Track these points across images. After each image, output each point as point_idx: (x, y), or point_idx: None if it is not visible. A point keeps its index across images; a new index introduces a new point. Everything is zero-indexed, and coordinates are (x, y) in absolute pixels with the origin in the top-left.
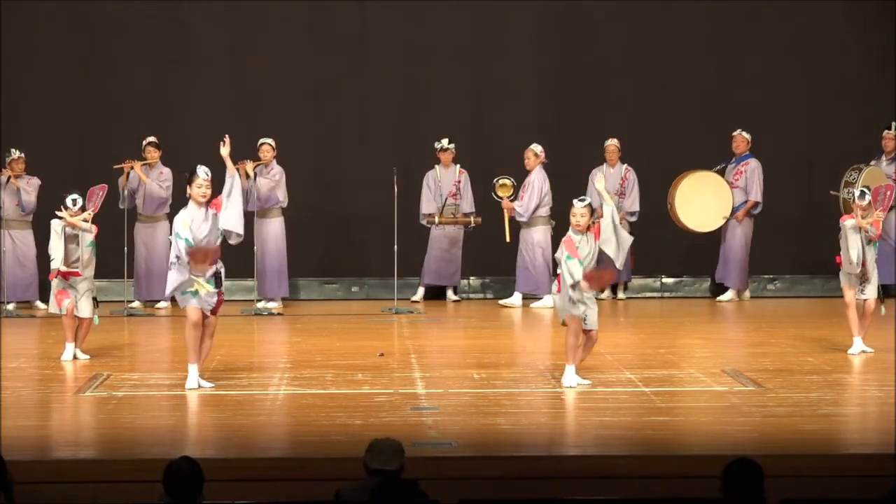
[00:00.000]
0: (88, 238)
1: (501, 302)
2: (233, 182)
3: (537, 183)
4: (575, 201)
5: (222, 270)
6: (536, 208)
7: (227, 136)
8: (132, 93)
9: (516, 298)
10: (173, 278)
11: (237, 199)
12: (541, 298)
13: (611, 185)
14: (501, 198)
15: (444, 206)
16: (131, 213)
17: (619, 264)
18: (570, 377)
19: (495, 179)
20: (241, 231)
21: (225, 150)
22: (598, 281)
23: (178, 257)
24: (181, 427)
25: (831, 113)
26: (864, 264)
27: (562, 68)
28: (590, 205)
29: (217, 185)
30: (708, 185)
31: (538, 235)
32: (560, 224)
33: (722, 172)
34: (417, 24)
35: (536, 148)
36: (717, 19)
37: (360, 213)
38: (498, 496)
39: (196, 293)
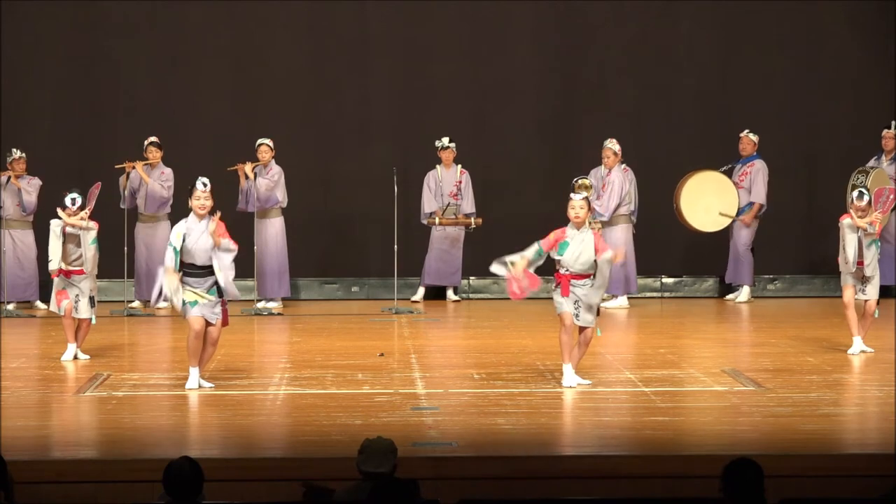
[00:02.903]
0: (91, 236)
1: (604, 305)
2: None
3: (618, 182)
4: (573, 194)
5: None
6: (617, 207)
7: (218, 214)
8: (132, 93)
9: (622, 300)
10: (158, 282)
11: (226, 269)
12: (616, 297)
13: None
14: None
15: (445, 206)
16: (131, 213)
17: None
18: (570, 377)
19: (574, 179)
20: (235, 293)
21: (211, 227)
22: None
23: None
24: (181, 427)
25: (831, 113)
26: (862, 264)
27: (562, 68)
28: (587, 198)
29: (218, 195)
30: (713, 186)
31: (619, 235)
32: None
33: (729, 173)
34: (417, 24)
35: (615, 146)
36: (718, 19)
37: (360, 213)
38: (498, 496)
39: (195, 303)
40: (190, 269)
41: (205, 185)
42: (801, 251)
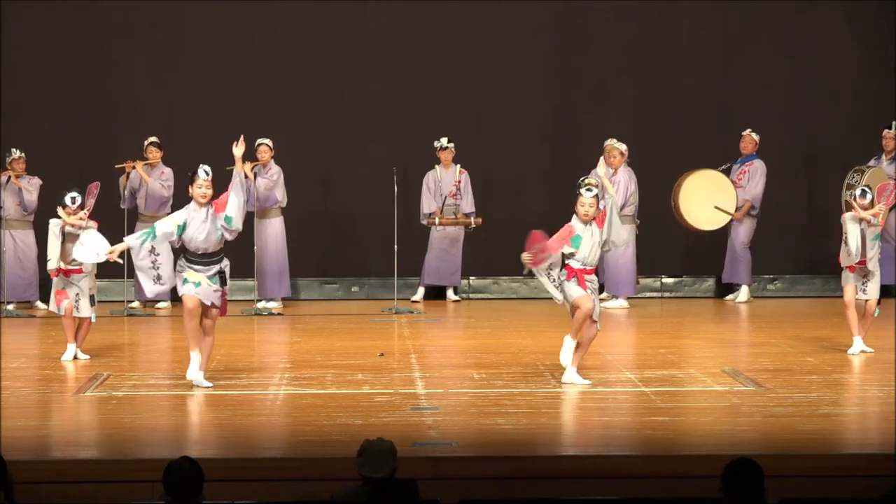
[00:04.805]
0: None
1: (604, 305)
2: (237, 179)
3: (623, 182)
4: (583, 190)
5: (227, 269)
6: (622, 207)
7: (242, 136)
8: (132, 93)
9: (621, 301)
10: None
11: (237, 192)
12: (616, 298)
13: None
14: None
15: (444, 206)
16: (132, 213)
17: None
18: (571, 375)
19: (580, 179)
20: (238, 224)
21: (238, 151)
22: (536, 252)
23: (151, 252)
24: (181, 427)
25: (831, 113)
26: (864, 263)
27: (562, 68)
28: (597, 195)
29: (219, 184)
30: (711, 184)
31: None
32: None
33: (727, 172)
34: (417, 24)
35: (621, 146)
36: (718, 19)
37: (360, 213)
38: (498, 496)
39: (199, 283)
40: (192, 257)
41: (207, 173)
42: (801, 251)
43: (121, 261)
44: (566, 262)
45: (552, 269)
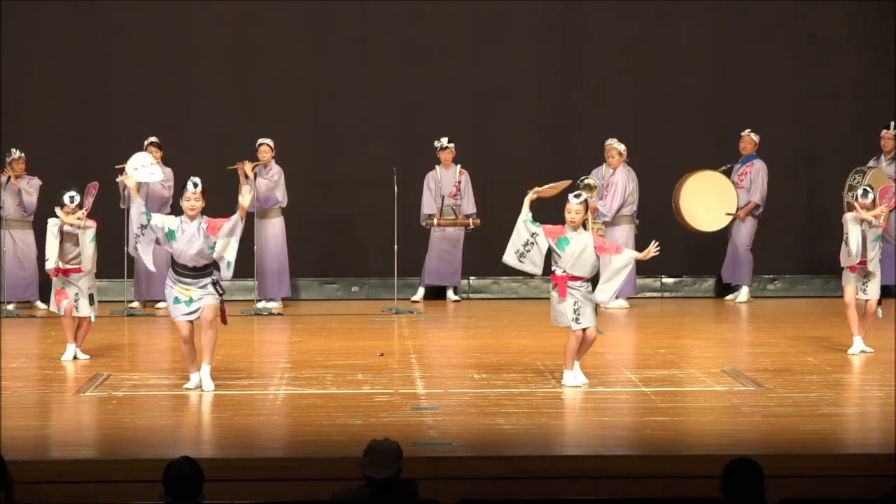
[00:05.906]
0: (90, 234)
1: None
2: (235, 223)
3: (621, 182)
4: (570, 196)
5: (219, 279)
6: (620, 208)
7: (248, 188)
8: (132, 93)
9: (621, 301)
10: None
11: (237, 236)
12: (616, 298)
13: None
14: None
15: (444, 206)
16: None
17: (602, 297)
18: (570, 380)
19: (579, 179)
20: (230, 272)
21: (246, 200)
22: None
23: (141, 226)
24: (181, 427)
25: (831, 113)
26: (864, 263)
27: (562, 68)
28: (585, 201)
29: (216, 185)
30: (712, 185)
31: (622, 235)
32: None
33: (728, 173)
34: (417, 24)
35: (620, 146)
36: (718, 19)
37: (360, 213)
38: (498, 496)
39: (190, 301)
40: (182, 270)
41: (195, 185)
42: (801, 251)
43: (130, 181)
44: (552, 268)
45: (527, 247)
